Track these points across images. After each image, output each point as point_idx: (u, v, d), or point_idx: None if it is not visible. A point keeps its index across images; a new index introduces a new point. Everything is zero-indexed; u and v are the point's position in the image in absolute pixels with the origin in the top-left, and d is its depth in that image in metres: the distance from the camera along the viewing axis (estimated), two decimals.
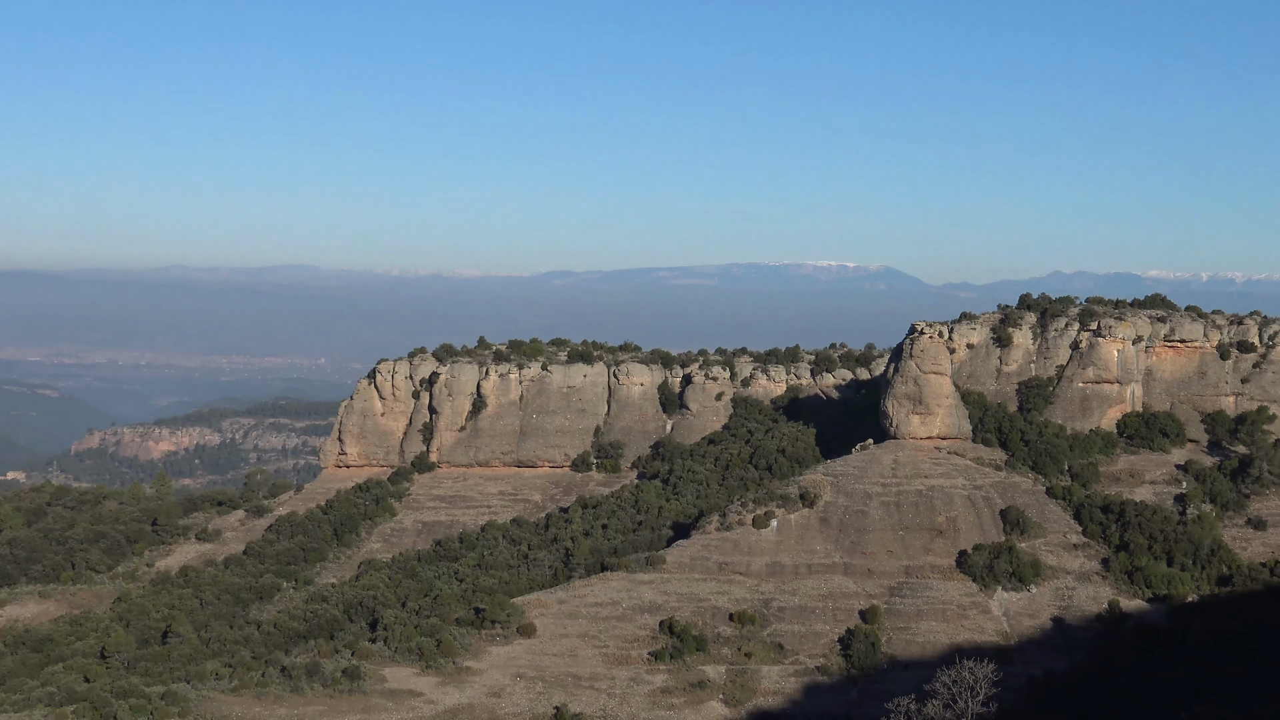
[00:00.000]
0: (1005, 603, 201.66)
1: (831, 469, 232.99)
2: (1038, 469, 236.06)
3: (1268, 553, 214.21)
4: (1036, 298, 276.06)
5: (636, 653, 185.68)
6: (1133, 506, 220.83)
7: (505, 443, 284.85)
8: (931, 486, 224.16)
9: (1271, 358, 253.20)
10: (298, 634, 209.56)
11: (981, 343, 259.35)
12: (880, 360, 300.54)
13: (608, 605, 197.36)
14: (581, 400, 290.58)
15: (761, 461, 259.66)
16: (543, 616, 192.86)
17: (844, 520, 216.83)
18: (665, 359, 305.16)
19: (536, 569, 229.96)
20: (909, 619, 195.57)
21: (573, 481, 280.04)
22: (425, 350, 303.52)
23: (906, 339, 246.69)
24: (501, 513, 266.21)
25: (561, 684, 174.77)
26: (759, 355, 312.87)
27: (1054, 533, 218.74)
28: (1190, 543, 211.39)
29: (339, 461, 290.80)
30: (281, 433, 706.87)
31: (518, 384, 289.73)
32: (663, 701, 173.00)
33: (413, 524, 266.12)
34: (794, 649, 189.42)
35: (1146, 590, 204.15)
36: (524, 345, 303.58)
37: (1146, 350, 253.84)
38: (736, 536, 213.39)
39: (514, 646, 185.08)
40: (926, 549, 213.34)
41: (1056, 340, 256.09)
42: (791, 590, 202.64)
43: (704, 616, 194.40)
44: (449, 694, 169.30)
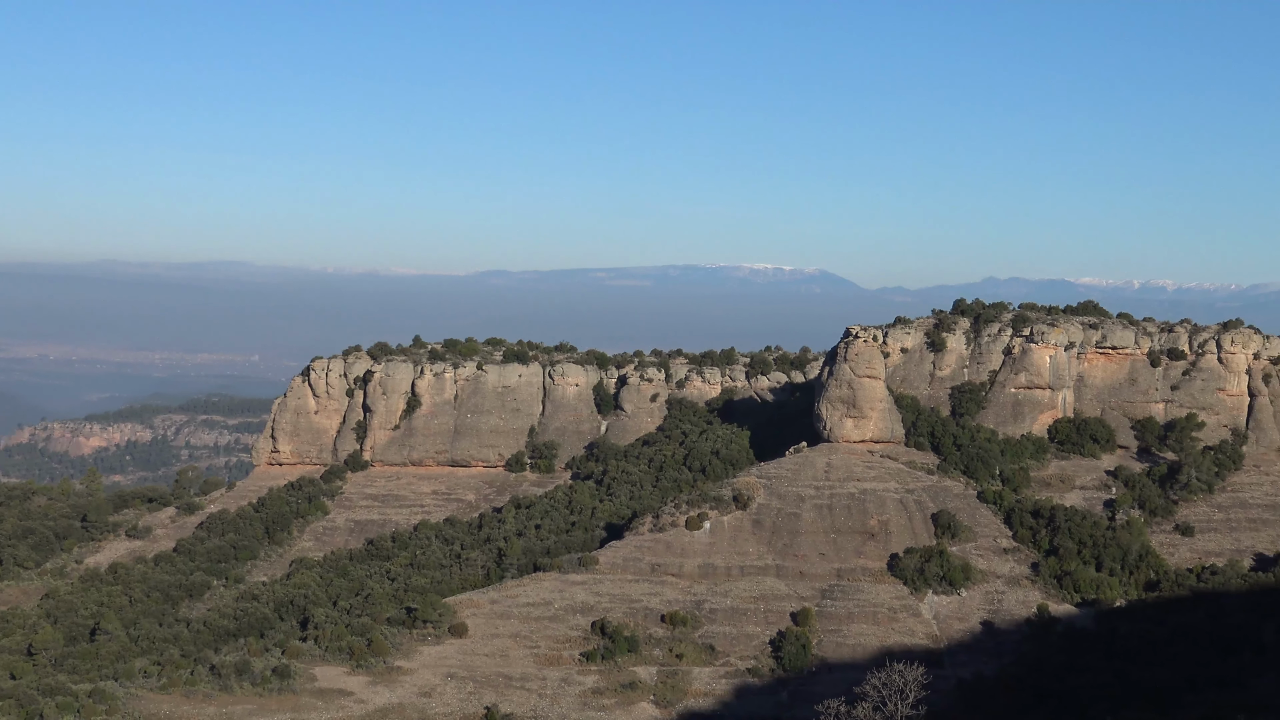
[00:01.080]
0: (935, 606, 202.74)
1: (765, 471, 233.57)
2: (969, 473, 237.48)
3: (1195, 558, 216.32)
4: (970, 303, 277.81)
5: (568, 653, 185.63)
6: (1063, 511, 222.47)
7: (439, 442, 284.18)
8: (864, 490, 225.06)
9: (1201, 365, 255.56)
10: (228, 632, 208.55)
11: (915, 347, 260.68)
12: (815, 363, 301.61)
13: (540, 605, 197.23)
14: (516, 400, 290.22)
15: (695, 463, 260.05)
16: (474, 616, 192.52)
17: (777, 522, 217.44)
18: (600, 360, 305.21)
19: (469, 569, 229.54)
20: (840, 621, 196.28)
21: (506, 481, 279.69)
22: (360, 348, 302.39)
23: (841, 342, 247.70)
24: (434, 512, 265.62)
25: (492, 684, 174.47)
26: (694, 357, 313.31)
27: (985, 537, 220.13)
28: (1119, 548, 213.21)
29: (271, 459, 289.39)
30: (214, 430, 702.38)
31: (452, 383, 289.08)
32: (594, 702, 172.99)
33: (345, 523, 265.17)
34: (725, 650, 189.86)
35: (1075, 595, 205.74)
36: (459, 344, 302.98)
37: (1078, 356, 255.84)
38: (669, 538, 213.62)
39: (445, 646, 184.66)
40: (858, 552, 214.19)
41: (990, 345, 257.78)
42: (723, 592, 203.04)
43: (636, 617, 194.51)
44: (379, 693, 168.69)
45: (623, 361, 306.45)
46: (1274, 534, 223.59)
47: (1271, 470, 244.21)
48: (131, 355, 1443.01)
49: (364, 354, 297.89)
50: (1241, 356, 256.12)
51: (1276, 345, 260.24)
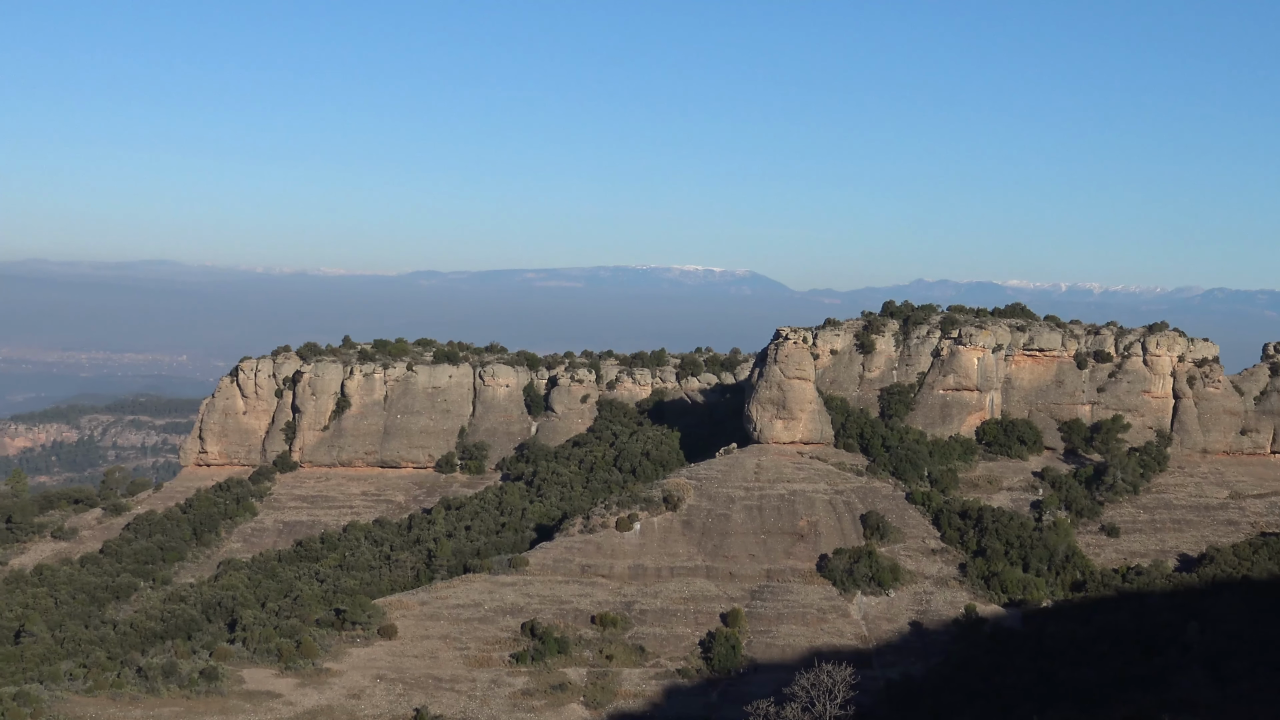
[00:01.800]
0: (864, 606, 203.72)
1: (695, 472, 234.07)
2: (898, 474, 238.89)
3: (1120, 559, 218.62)
4: (899, 305, 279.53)
5: (498, 654, 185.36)
6: (990, 512, 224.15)
7: (369, 443, 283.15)
8: (793, 491, 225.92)
9: (1127, 368, 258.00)
10: (155, 634, 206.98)
11: (845, 349, 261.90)
12: (745, 365, 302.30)
13: (469, 607, 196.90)
14: (446, 401, 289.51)
15: (626, 464, 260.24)
16: (404, 618, 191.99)
17: (706, 524, 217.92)
18: (531, 361, 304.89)
19: (398, 570, 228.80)
20: (769, 622, 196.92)
21: (436, 482, 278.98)
22: (289, 349, 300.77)
23: (771, 344, 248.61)
24: (364, 513, 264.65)
25: (422, 686, 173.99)
26: (625, 358, 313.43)
27: (913, 538, 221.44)
28: (1045, 549, 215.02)
29: (199, 460, 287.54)
30: (141, 430, 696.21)
31: (382, 384, 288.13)
32: (523, 704, 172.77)
33: (273, 524, 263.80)
34: (655, 651, 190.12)
35: (1002, 595, 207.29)
36: (389, 345, 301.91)
37: (1006, 359, 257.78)
38: (599, 539, 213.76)
39: (374, 648, 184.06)
40: (788, 553, 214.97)
41: (918, 347, 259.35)
42: (653, 593, 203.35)
43: (566, 619, 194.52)
44: (308, 695, 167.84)
45: (553, 362, 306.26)
46: (1198, 535, 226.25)
47: (1195, 471, 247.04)
48: (58, 355, 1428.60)
49: (293, 354, 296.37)
50: (1166, 359, 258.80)
51: (1201, 348, 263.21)
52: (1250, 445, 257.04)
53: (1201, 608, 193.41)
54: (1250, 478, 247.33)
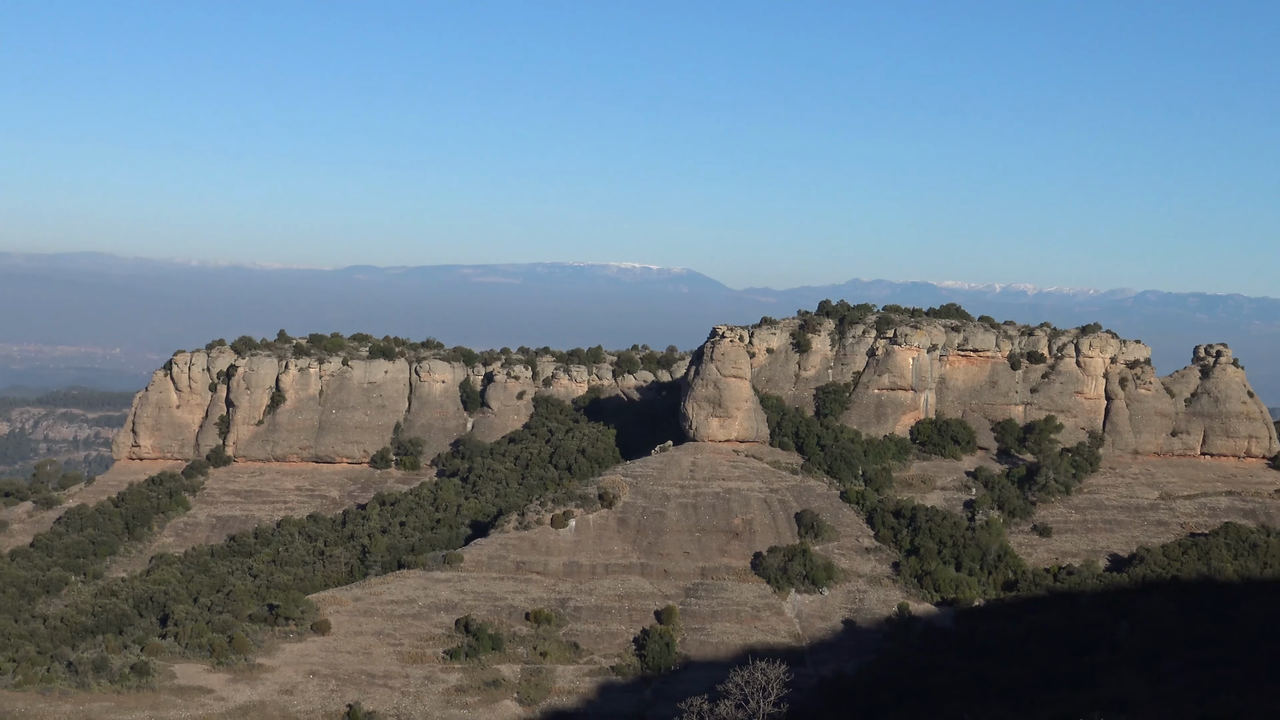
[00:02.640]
0: (798, 604, 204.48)
1: (631, 470, 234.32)
2: (833, 473, 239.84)
3: (1051, 559, 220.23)
4: (836, 304, 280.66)
5: (431, 651, 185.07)
6: (924, 512, 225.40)
7: (303, 438, 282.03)
8: (729, 489, 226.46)
9: (1060, 369, 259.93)
10: (85, 629, 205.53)
11: (781, 348, 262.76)
12: (681, 363, 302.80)
13: (404, 603, 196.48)
14: (382, 396, 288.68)
15: (561, 461, 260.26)
16: (338, 614, 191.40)
17: (642, 521, 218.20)
18: (467, 357, 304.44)
19: (332, 566, 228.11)
20: (704, 620, 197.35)
21: (371, 478, 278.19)
22: (223, 342, 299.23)
23: (707, 342, 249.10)
24: (298, 508, 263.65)
25: (355, 682, 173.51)
26: (561, 355, 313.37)
27: (847, 536, 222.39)
28: (978, 548, 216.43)
29: (132, 454, 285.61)
30: (73, 423, 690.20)
31: (317, 378, 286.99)
32: (457, 700, 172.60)
33: (206, 518, 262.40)
34: (589, 648, 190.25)
35: (935, 594, 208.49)
36: (325, 339, 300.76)
37: (940, 359, 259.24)
38: (535, 536, 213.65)
39: (308, 644, 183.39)
40: (722, 551, 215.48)
41: (854, 347, 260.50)
42: (588, 590, 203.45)
43: (500, 615, 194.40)
44: (240, 691, 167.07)
45: (490, 359, 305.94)
46: (1129, 535, 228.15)
47: (1127, 472, 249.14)
48: None
49: (228, 348, 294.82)
50: (1099, 360, 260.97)
51: (1133, 350, 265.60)
52: (1181, 446, 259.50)
53: (1132, 607, 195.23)
54: (1180, 479, 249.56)
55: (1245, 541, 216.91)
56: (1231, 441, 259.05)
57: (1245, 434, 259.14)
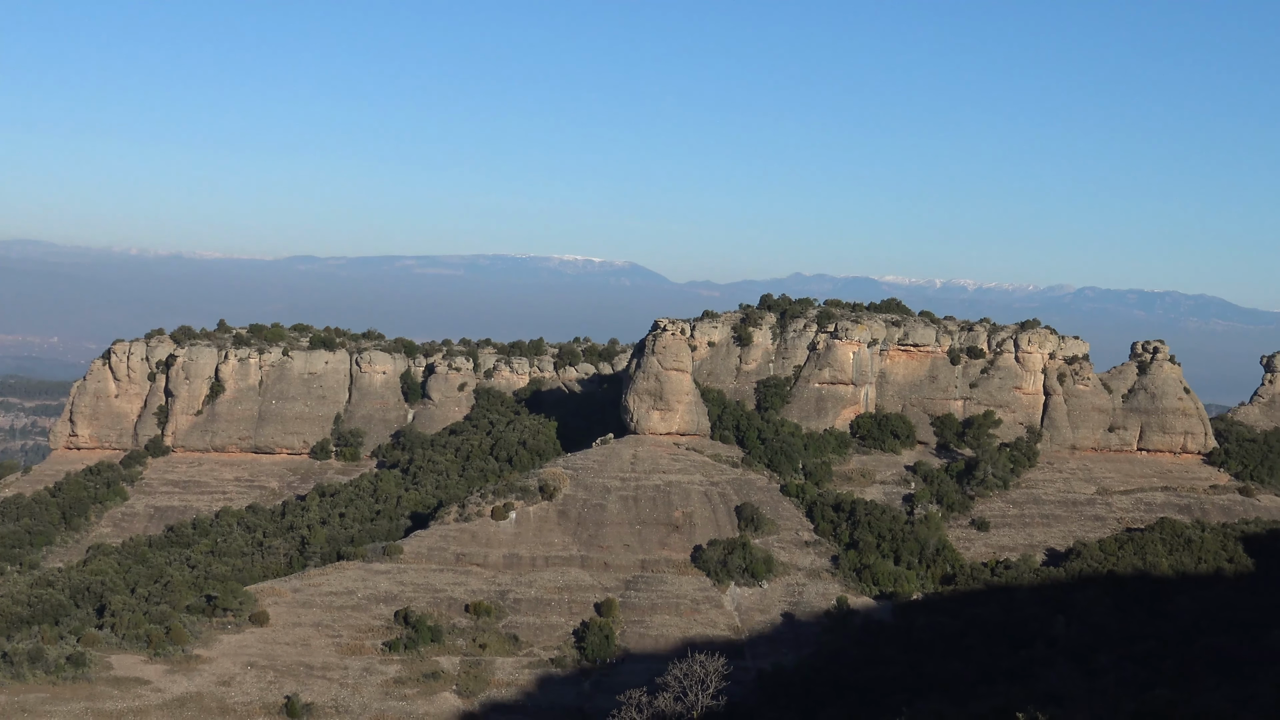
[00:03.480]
0: (738, 598, 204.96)
1: (571, 462, 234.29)
2: (773, 467, 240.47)
3: (989, 553, 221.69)
4: (777, 298, 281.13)
5: (370, 643, 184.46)
6: (863, 505, 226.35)
7: (243, 428, 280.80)
8: (669, 482, 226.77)
9: (999, 364, 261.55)
10: (21, 619, 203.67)
11: (722, 341, 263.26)
12: (623, 355, 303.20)
13: (343, 594, 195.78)
14: (322, 387, 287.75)
15: (502, 453, 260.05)
16: (276, 605, 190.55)
17: (582, 513, 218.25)
18: (409, 348, 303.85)
19: (271, 557, 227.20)
20: (643, 612, 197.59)
21: (311, 469, 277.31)
22: (163, 332, 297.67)
23: (649, 335, 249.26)
24: (237, 499, 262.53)
25: (293, 673, 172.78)
26: (503, 347, 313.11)
27: (787, 529, 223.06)
28: (916, 542, 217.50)
29: (70, 443, 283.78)
30: (10, 412, 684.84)
31: (257, 369, 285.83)
32: (395, 692, 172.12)
33: (144, 509, 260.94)
34: (529, 641, 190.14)
35: (874, 587, 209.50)
36: (265, 330, 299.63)
37: (881, 353, 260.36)
38: (475, 528, 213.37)
39: (246, 635, 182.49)
40: (663, 543, 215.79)
41: (795, 341, 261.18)
42: (528, 582, 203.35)
43: (440, 607, 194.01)
44: (177, 682, 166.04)
45: (431, 350, 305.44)
46: (1065, 530, 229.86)
47: (1064, 467, 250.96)
48: None
49: (167, 337, 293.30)
50: (1038, 356, 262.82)
51: (1071, 346, 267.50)
52: (1118, 442, 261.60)
53: (1068, 602, 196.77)
54: (1117, 474, 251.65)
55: (1180, 537, 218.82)
56: (1168, 438, 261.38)
57: (1181, 430, 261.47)
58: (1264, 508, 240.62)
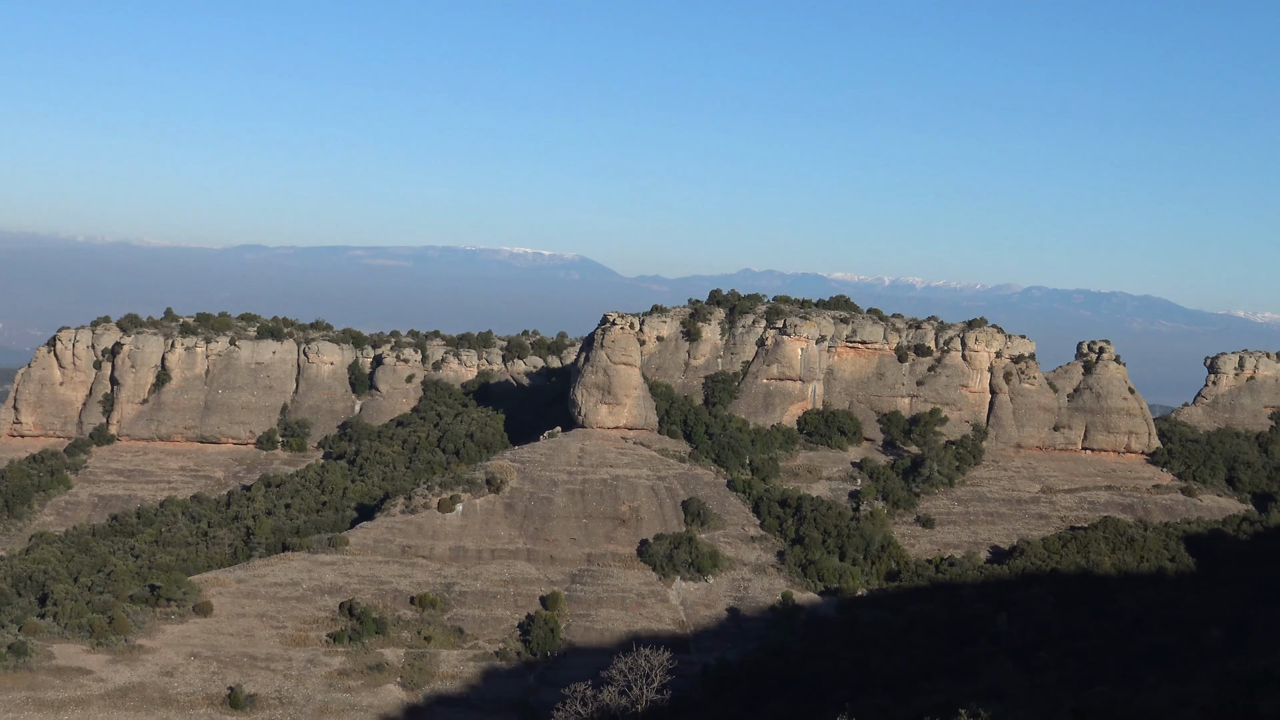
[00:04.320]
0: (683, 592, 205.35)
1: (519, 455, 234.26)
2: (720, 462, 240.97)
3: (934, 550, 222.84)
4: (726, 294, 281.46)
5: (315, 634, 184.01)
6: (809, 501, 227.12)
7: (189, 417, 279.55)
8: (616, 476, 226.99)
9: (946, 362, 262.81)
10: None
11: (671, 336, 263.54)
12: (572, 349, 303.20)
13: (287, 585, 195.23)
14: (269, 377, 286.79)
15: (449, 445, 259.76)
16: (220, 595, 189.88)
17: (529, 507, 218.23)
18: (356, 339, 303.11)
19: (216, 547, 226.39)
20: (589, 606, 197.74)
21: (257, 459, 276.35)
22: (109, 320, 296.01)
23: (598, 329, 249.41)
24: (182, 489, 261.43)
25: (237, 664, 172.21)
26: (451, 339, 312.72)
27: (733, 525, 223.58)
28: (862, 538, 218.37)
29: (13, 430, 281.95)
30: None
31: (204, 358, 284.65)
32: (339, 683, 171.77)
33: (88, 497, 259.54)
34: (474, 633, 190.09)
35: (819, 583, 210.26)
36: (212, 319, 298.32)
37: (829, 350, 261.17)
38: (421, 520, 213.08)
39: (189, 625, 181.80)
40: (609, 537, 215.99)
41: (744, 336, 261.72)
42: (474, 575, 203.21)
43: (385, 599, 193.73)
44: (120, 672, 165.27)
45: (379, 341, 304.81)
46: (1009, 527, 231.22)
47: (1009, 466, 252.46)
48: None
49: (113, 325, 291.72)
50: (984, 354, 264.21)
51: (1018, 344, 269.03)
52: (1063, 441, 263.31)
53: (1011, 599, 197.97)
54: (1061, 472, 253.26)
55: (1123, 535, 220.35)
56: (1112, 437, 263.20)
57: (1125, 430, 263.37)
58: (1205, 507, 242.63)
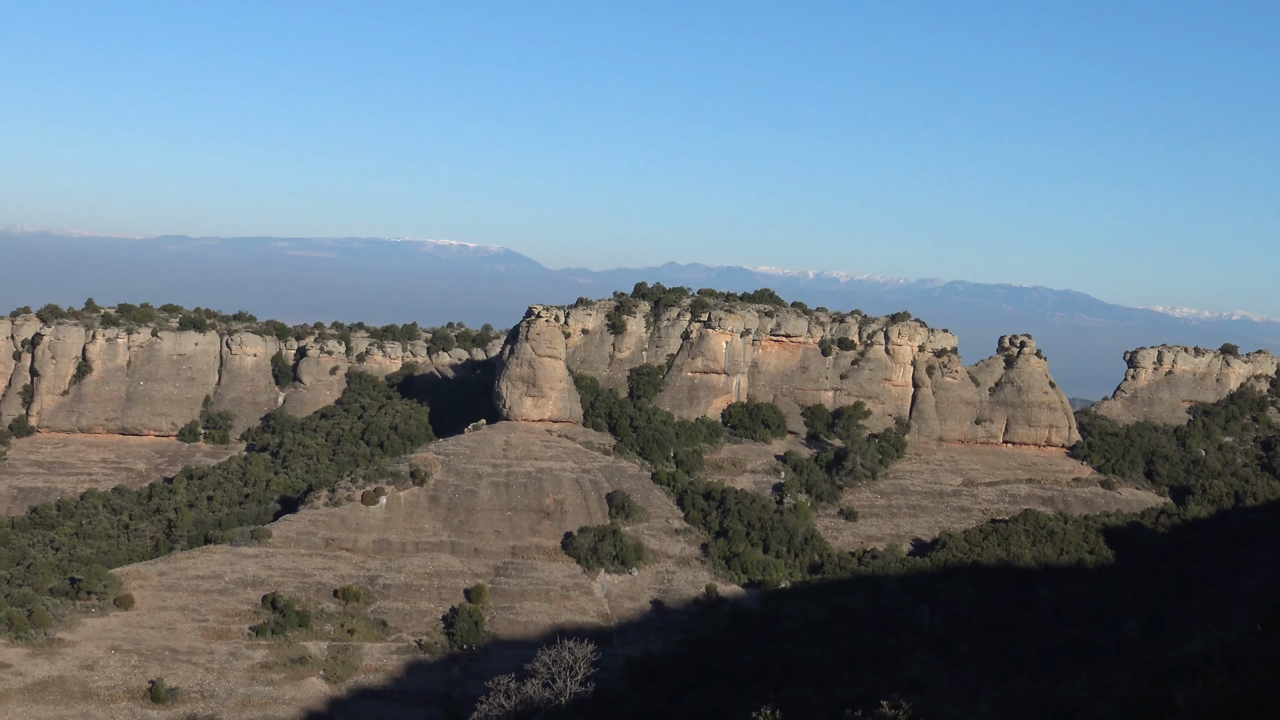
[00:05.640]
0: (607, 585, 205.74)
1: (443, 448, 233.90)
2: (645, 455, 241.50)
3: (857, 542, 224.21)
4: (651, 287, 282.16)
5: (237, 627, 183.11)
6: (733, 494, 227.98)
7: (110, 409, 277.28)
8: (541, 468, 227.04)
9: (869, 356, 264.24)
10: None
11: (596, 329, 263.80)
12: (497, 341, 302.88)
13: (209, 578, 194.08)
14: (192, 369, 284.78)
15: (374, 438, 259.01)
16: (142, 588, 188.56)
17: (453, 499, 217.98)
18: (280, 330, 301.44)
19: (137, 540, 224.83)
20: (513, 599, 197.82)
21: (179, 451, 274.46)
22: (29, 310, 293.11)
23: (523, 321, 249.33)
24: (103, 481, 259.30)
25: (158, 657, 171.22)
26: (376, 331, 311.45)
27: (657, 517, 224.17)
28: (785, 531, 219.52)
29: None
30: None
31: (126, 349, 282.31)
32: (262, 677, 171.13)
33: (7, 490, 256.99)
34: (398, 626, 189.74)
35: (743, 576, 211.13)
36: (134, 310, 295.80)
37: (753, 343, 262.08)
38: (345, 512, 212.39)
39: (110, 618, 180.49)
40: (533, 530, 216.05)
41: (669, 330, 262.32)
42: (398, 568, 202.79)
43: (308, 592, 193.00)
44: (39, 666, 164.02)
45: (303, 333, 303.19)
46: (932, 520, 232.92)
47: (931, 459, 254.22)
48: None
49: (33, 316, 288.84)
50: (907, 348, 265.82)
51: (940, 339, 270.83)
52: (984, 434, 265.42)
53: (933, 591, 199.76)
54: (983, 466, 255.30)
55: (1043, 528, 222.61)
56: (1033, 430, 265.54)
57: (1046, 423, 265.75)
58: (1124, 500, 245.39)
